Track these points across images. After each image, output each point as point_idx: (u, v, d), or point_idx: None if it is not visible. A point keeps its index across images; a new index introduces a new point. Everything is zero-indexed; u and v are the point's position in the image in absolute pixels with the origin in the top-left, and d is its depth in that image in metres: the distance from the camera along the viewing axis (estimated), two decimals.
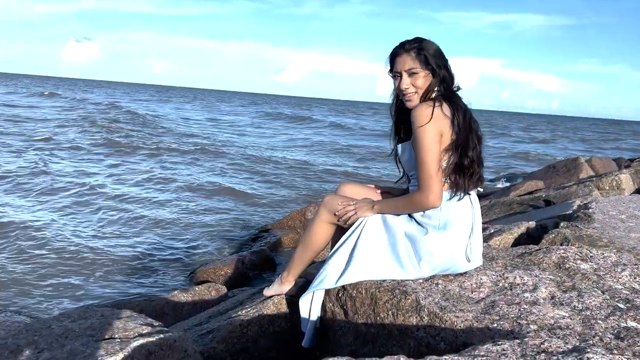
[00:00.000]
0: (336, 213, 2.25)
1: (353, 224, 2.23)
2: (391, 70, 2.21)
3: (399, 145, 2.28)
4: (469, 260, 2.09)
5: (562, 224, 3.23)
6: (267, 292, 2.55)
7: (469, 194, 2.15)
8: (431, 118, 2.00)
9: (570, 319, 1.75)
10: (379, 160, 16.65)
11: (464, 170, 2.08)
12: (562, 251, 2.43)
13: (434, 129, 2.01)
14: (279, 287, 2.50)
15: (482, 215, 6.91)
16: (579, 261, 2.34)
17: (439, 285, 2.00)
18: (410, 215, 2.15)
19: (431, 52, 2.14)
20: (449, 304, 1.84)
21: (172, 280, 5.54)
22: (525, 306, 1.82)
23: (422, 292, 1.92)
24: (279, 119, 36.15)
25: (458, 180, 2.09)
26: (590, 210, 3.57)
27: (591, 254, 2.43)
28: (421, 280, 2.04)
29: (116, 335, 1.85)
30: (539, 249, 2.51)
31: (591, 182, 6.39)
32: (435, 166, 2.01)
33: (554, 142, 34.00)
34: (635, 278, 2.19)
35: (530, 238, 3.45)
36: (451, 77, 2.18)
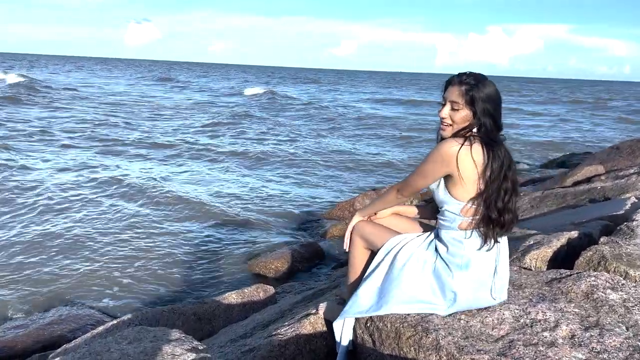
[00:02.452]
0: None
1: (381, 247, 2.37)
2: (442, 95, 2.25)
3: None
4: (494, 298, 2.17)
5: (601, 240, 3.20)
6: (325, 314, 2.65)
7: (498, 242, 2.20)
8: (449, 158, 2.07)
9: None
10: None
11: (492, 222, 2.11)
12: (593, 279, 2.46)
13: (441, 167, 2.09)
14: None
15: (532, 207, 6.73)
16: (608, 290, 2.36)
17: (461, 321, 2.10)
18: (436, 250, 2.24)
19: (482, 95, 2.12)
20: (468, 344, 1.94)
21: (225, 274, 5.84)
22: (542, 348, 1.89)
23: (443, 330, 2.03)
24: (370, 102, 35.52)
25: (487, 232, 2.13)
26: (635, 222, 3.50)
27: (622, 282, 2.45)
28: (444, 315, 2.15)
29: None
30: (570, 275, 2.54)
31: None
32: (419, 186, 2.26)
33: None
34: None
35: (572, 249, 3.43)
36: (496, 126, 2.15)
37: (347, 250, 2.54)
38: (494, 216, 2.10)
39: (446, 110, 2.18)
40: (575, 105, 38.97)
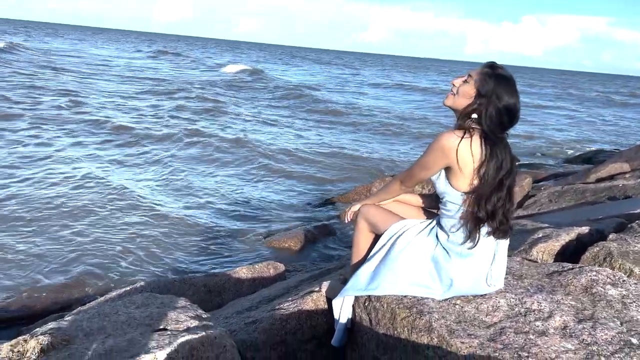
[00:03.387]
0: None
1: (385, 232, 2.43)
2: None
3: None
4: (489, 285, 2.21)
5: (610, 237, 3.19)
6: (327, 292, 2.73)
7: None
8: (448, 150, 2.09)
9: (574, 353, 1.85)
10: None
11: (479, 222, 2.12)
12: (594, 273, 2.47)
13: (441, 158, 2.12)
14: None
15: (550, 201, 6.68)
16: (608, 286, 2.37)
17: (456, 306, 2.15)
18: (436, 237, 2.28)
19: (496, 88, 2.09)
20: (460, 328, 1.99)
21: (239, 249, 5.97)
22: (532, 336, 1.93)
23: (437, 313, 2.08)
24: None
25: (473, 228, 2.13)
26: None
27: (624, 279, 2.46)
28: (440, 300, 2.19)
29: (169, 327, 2.17)
30: (572, 269, 2.56)
31: None
32: (420, 177, 2.31)
33: None
34: None
35: (581, 245, 3.43)
36: (500, 123, 2.11)
37: (345, 222, 2.68)
38: (481, 215, 2.10)
39: (459, 80, 2.20)
40: (610, 101, 37.99)
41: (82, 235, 5.77)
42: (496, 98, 2.09)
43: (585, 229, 3.58)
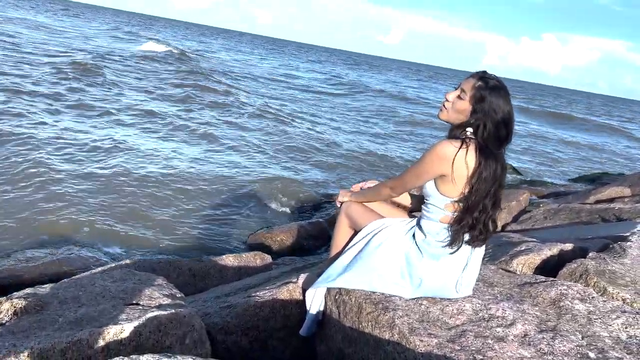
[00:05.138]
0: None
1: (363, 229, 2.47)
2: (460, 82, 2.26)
3: None
4: (457, 292, 2.25)
5: (590, 255, 3.21)
6: (303, 284, 2.77)
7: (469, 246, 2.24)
8: (445, 160, 2.11)
9: None
10: None
11: (464, 227, 2.16)
12: (565, 287, 2.50)
13: (437, 167, 2.14)
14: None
15: (545, 218, 6.70)
16: (576, 301, 2.41)
17: (422, 306, 2.19)
18: (413, 236, 2.32)
19: (492, 99, 2.11)
20: (421, 327, 2.03)
21: (231, 239, 6.04)
22: (490, 341, 1.97)
23: (401, 311, 2.12)
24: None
25: (456, 234, 2.18)
26: (629, 243, 3.50)
27: (593, 295, 2.49)
28: (407, 298, 2.24)
29: (141, 302, 2.23)
30: (544, 281, 2.59)
31: None
32: (412, 185, 2.33)
33: None
34: (626, 328, 2.23)
35: (562, 261, 3.45)
36: (497, 137, 2.13)
37: (337, 205, 2.71)
38: (469, 221, 2.15)
39: (453, 95, 2.21)
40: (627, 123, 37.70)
41: (78, 212, 5.85)
42: (493, 112, 2.11)
43: (568, 246, 3.61)
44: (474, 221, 2.14)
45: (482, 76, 2.17)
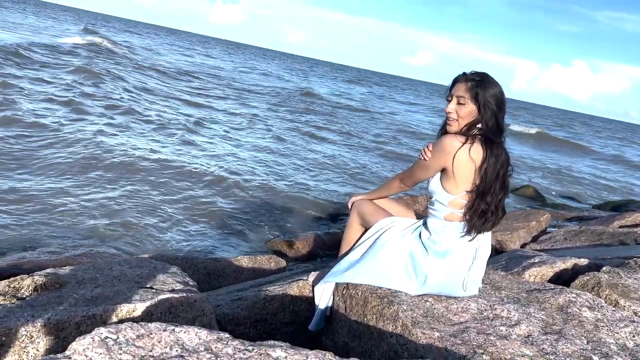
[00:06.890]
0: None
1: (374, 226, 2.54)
2: (449, 92, 2.37)
3: None
4: (464, 290, 2.28)
5: (604, 268, 3.19)
6: (314, 282, 2.85)
7: (481, 234, 2.30)
8: (447, 153, 2.19)
9: (530, 359, 1.90)
10: None
11: (480, 214, 2.23)
12: (574, 295, 2.50)
13: (440, 160, 2.22)
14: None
15: (565, 239, 6.62)
16: (584, 308, 2.40)
17: (427, 303, 2.22)
18: (419, 235, 2.37)
19: (487, 93, 2.24)
20: (425, 321, 2.06)
21: (251, 243, 6.12)
22: (493, 338, 1.99)
23: (406, 305, 2.15)
24: None
25: (474, 222, 2.25)
26: None
27: (602, 304, 2.48)
28: (413, 295, 2.27)
29: (155, 286, 2.31)
30: (553, 289, 2.59)
31: None
32: (420, 177, 2.41)
33: None
34: (634, 336, 2.22)
35: (576, 275, 3.43)
36: (498, 125, 2.26)
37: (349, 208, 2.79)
38: (483, 207, 2.21)
39: (452, 105, 2.30)
40: None
41: (100, 212, 6.02)
42: (491, 101, 2.24)
43: (583, 261, 3.59)
44: (486, 205, 2.21)
45: (467, 77, 2.30)
